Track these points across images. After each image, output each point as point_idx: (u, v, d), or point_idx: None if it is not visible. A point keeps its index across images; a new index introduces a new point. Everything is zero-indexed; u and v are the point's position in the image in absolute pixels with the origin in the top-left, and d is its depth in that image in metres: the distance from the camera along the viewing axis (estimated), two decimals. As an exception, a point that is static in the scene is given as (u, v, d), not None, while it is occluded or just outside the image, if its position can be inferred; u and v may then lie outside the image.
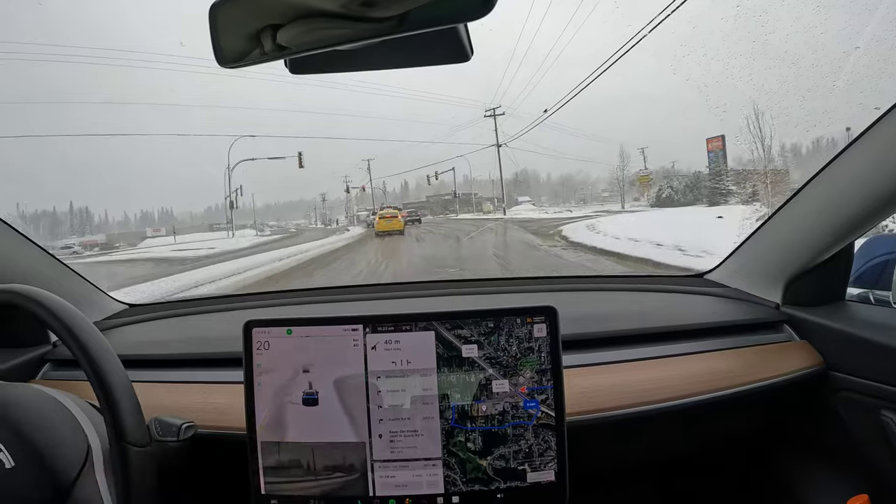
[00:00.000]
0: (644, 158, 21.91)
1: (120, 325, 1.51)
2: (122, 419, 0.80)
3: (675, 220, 12.29)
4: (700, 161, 17.85)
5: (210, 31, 0.68)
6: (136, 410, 0.84)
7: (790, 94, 5.67)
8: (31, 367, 1.27)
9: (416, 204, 30.18)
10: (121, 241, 22.70)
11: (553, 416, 0.88)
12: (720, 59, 8.60)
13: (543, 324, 0.89)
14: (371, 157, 27.62)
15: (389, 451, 0.88)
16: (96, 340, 0.83)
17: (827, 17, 2.92)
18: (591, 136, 39.05)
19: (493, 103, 24.30)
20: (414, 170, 35.74)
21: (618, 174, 23.80)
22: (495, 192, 28.16)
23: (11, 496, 0.76)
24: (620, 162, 23.33)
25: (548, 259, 10.14)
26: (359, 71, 0.82)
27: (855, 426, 1.12)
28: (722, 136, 15.00)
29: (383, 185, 29.65)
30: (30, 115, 26.63)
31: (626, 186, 22.98)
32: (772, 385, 1.12)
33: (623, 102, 36.67)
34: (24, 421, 0.82)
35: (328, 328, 0.90)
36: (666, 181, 19.56)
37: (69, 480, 0.81)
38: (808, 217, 1.19)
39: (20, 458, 0.77)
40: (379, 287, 1.76)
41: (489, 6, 0.60)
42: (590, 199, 27.96)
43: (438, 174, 27.33)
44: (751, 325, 1.27)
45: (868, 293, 1.28)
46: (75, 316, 0.84)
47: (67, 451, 0.83)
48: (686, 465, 1.42)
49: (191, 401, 1.10)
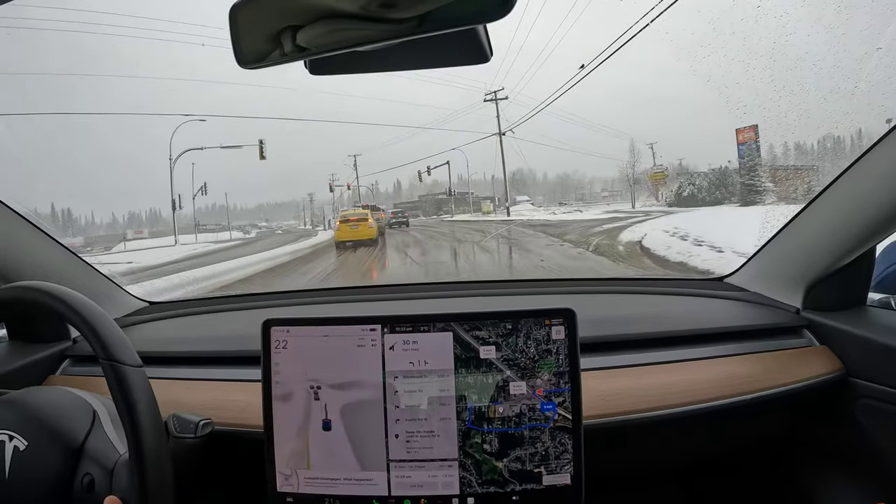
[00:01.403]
0: (654, 154, 20.55)
1: (140, 322, 1.53)
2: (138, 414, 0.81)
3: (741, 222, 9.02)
4: (709, 159, 16.91)
5: (230, 32, 0.69)
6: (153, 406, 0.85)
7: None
8: (50, 363, 1.29)
9: (406, 204, 28.82)
10: (97, 245, 22.10)
11: (570, 419, 0.87)
12: (740, 59, 8.47)
13: (562, 326, 0.88)
14: (358, 153, 26.06)
15: (406, 452, 0.88)
16: (115, 336, 0.84)
17: (848, 18, 2.88)
18: (601, 128, 38.04)
19: (494, 85, 22.24)
20: (404, 165, 34.29)
21: (628, 171, 22.14)
22: (494, 190, 26.45)
23: (31, 473, 0.80)
24: (631, 158, 21.82)
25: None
26: (378, 72, 0.82)
27: (874, 433, 1.10)
28: (755, 126, 13.55)
29: (375, 184, 28.52)
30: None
31: (634, 185, 21.49)
32: (791, 391, 1.10)
33: (636, 96, 35.77)
34: (31, 404, 0.88)
35: (346, 328, 0.90)
36: (685, 178, 18.28)
37: (80, 440, 0.86)
38: (830, 221, 1.17)
39: (31, 436, 0.82)
40: (397, 287, 1.76)
41: (508, 7, 0.60)
42: (588, 199, 27.35)
43: (431, 169, 25.04)
44: (770, 330, 1.26)
45: (889, 298, 1.26)
46: (96, 312, 0.85)
47: (74, 415, 0.88)
48: (703, 470, 1.41)
49: (209, 398, 1.11)
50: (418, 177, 25.82)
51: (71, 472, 0.83)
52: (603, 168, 31.04)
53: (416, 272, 10.55)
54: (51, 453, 0.83)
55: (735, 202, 14.88)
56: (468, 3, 0.61)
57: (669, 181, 19.59)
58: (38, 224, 1.30)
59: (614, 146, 36.55)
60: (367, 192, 27.38)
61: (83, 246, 21.38)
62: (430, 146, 41.36)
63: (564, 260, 10.05)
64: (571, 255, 10.56)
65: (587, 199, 27.37)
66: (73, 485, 0.83)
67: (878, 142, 1.01)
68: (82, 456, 0.84)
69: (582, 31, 21.82)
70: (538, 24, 25.23)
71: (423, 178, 25.98)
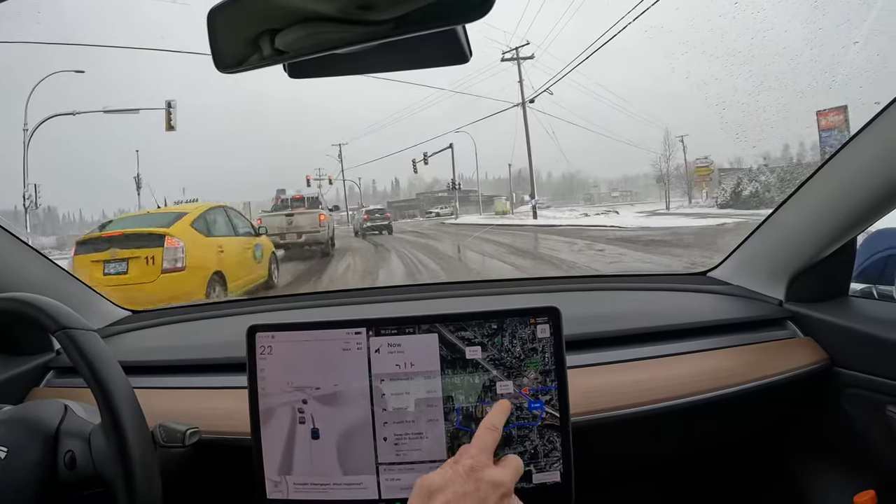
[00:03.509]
0: (684, 148, 17.69)
1: (123, 331, 1.51)
2: (123, 426, 0.80)
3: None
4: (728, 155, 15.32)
5: (209, 35, 0.69)
6: (139, 417, 0.84)
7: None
8: (34, 375, 1.27)
9: (402, 203, 25.88)
10: (71, 245, 19.92)
11: (558, 417, 0.88)
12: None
13: (547, 324, 0.88)
14: (343, 142, 21.97)
15: (394, 454, 0.87)
16: (96, 347, 0.83)
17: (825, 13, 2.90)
18: (634, 115, 34.21)
19: (513, 42, 16.71)
20: (398, 152, 30.75)
21: (661, 165, 18.83)
22: (509, 188, 21.94)
23: (17, 476, 0.80)
24: (665, 150, 18.63)
25: None
26: (358, 74, 0.82)
27: (861, 422, 1.12)
28: (842, 107, 10.53)
29: (373, 183, 26.01)
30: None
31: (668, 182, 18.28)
32: (776, 382, 1.12)
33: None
34: (7, 413, 0.88)
35: (331, 332, 0.89)
36: (745, 174, 15.35)
37: (54, 427, 0.87)
38: (811, 213, 1.18)
39: (9, 441, 0.82)
40: (382, 290, 1.76)
41: (486, 8, 0.60)
42: (595, 200, 25.94)
43: (428, 157, 19.50)
44: (754, 323, 1.27)
45: (871, 288, 1.28)
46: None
47: (45, 407, 0.90)
48: (692, 463, 1.42)
49: (196, 406, 1.10)
50: (413, 167, 20.32)
51: (52, 457, 0.84)
52: (611, 168, 29.36)
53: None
54: (30, 447, 0.83)
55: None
56: (446, 4, 0.61)
57: (721, 178, 16.76)
58: (14, 232, 1.28)
59: (645, 135, 34.05)
60: (352, 189, 23.08)
61: (55, 247, 16.66)
62: (433, 128, 38.31)
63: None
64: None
65: (594, 200, 26.16)
66: (57, 469, 0.83)
67: (856, 133, 1.02)
68: (59, 438, 0.85)
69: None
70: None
71: (416, 168, 20.46)
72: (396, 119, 36.76)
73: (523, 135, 17.53)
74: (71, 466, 0.82)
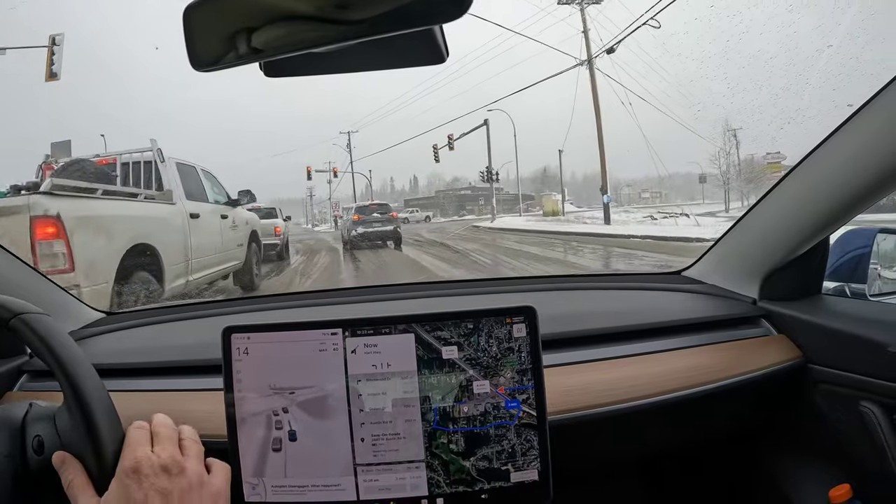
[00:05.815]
0: (737, 143, 15.79)
1: (97, 333, 1.48)
2: (98, 429, 0.79)
3: None
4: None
5: (184, 33, 0.68)
6: (113, 420, 0.83)
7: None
8: (6, 379, 1.24)
9: (420, 200, 22.61)
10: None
11: (535, 416, 0.88)
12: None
13: (523, 324, 0.89)
14: (353, 129, 19.24)
15: (372, 455, 0.87)
16: (69, 349, 0.82)
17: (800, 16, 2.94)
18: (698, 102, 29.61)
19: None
20: (416, 136, 27.61)
21: (721, 161, 16.93)
22: (528, 187, 18.76)
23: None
24: (724, 144, 16.88)
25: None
26: (335, 73, 0.82)
27: (835, 417, 1.14)
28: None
29: (391, 180, 23.85)
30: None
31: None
32: (752, 379, 1.13)
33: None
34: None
35: (307, 332, 0.89)
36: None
37: (20, 419, 0.82)
38: (784, 213, 1.21)
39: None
40: (358, 290, 1.75)
41: (463, 8, 0.60)
42: (623, 201, 24.37)
43: (453, 141, 16.13)
44: (728, 321, 1.29)
45: (844, 286, 1.30)
46: (49, 326, 0.83)
47: (11, 406, 0.84)
48: (669, 461, 1.44)
49: (171, 409, 1.08)
50: (434, 154, 17.20)
51: (21, 447, 0.81)
52: (635, 168, 27.07)
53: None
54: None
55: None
56: (423, 4, 0.61)
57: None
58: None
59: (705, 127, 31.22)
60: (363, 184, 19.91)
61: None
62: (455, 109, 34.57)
63: None
64: None
65: (621, 201, 24.93)
66: (27, 457, 0.80)
67: (830, 135, 1.04)
68: (25, 428, 0.82)
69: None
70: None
71: (437, 156, 17.22)
72: (414, 98, 33.71)
73: (581, 106, 14.46)
74: (40, 451, 0.80)
